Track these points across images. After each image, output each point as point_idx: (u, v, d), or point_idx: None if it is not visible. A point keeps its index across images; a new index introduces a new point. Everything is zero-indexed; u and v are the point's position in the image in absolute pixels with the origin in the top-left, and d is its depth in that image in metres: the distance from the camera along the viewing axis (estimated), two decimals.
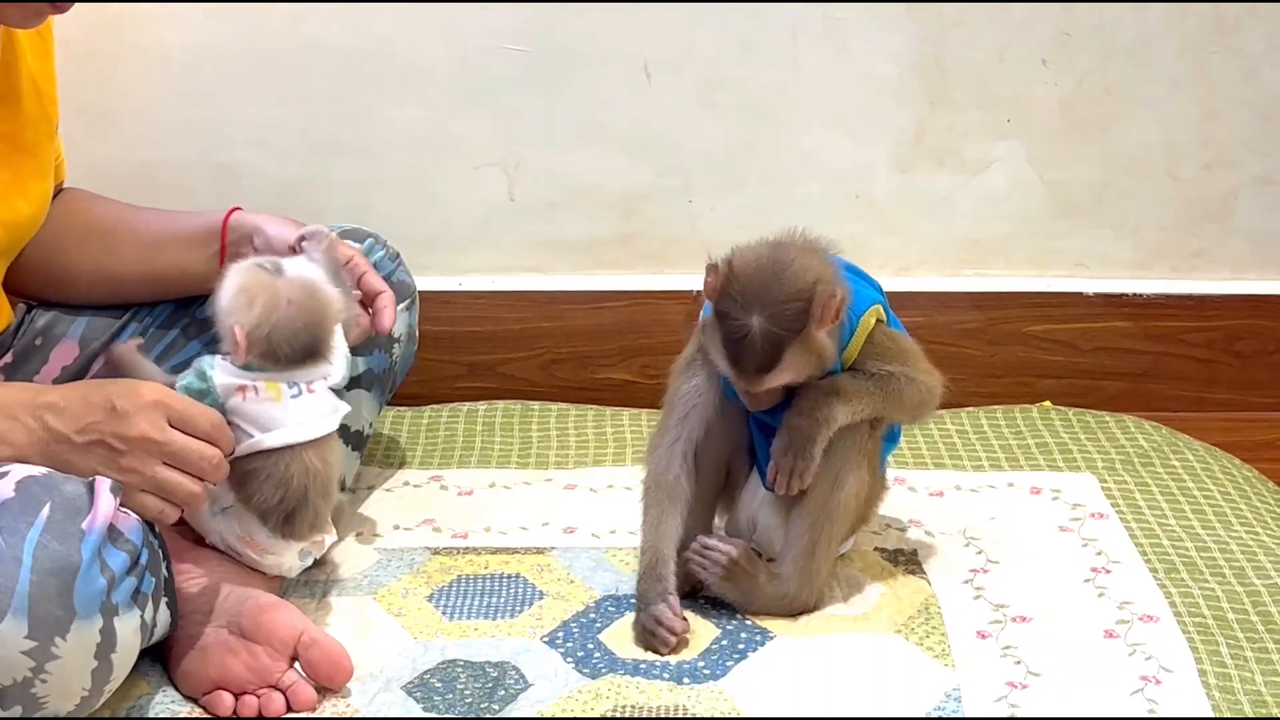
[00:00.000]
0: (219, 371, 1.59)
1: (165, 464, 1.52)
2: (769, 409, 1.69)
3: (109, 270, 1.85)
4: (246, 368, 1.59)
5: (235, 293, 1.59)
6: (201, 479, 1.54)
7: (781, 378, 1.63)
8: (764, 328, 1.59)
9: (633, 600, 1.73)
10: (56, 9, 1.59)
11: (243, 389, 1.58)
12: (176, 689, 1.58)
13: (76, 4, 1.60)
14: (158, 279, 1.85)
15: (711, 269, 1.63)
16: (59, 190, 1.87)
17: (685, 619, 1.67)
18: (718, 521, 1.81)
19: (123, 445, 1.51)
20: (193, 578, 1.63)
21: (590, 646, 1.66)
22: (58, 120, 1.83)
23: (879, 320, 1.69)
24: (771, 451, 1.67)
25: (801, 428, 1.65)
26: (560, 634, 1.69)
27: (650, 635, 1.66)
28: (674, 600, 1.67)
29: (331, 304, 1.62)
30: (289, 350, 1.59)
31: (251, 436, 1.59)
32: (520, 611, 1.73)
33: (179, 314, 1.87)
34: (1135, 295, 2.35)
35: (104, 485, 1.45)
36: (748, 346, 1.60)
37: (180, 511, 1.54)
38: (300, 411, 1.60)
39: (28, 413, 1.52)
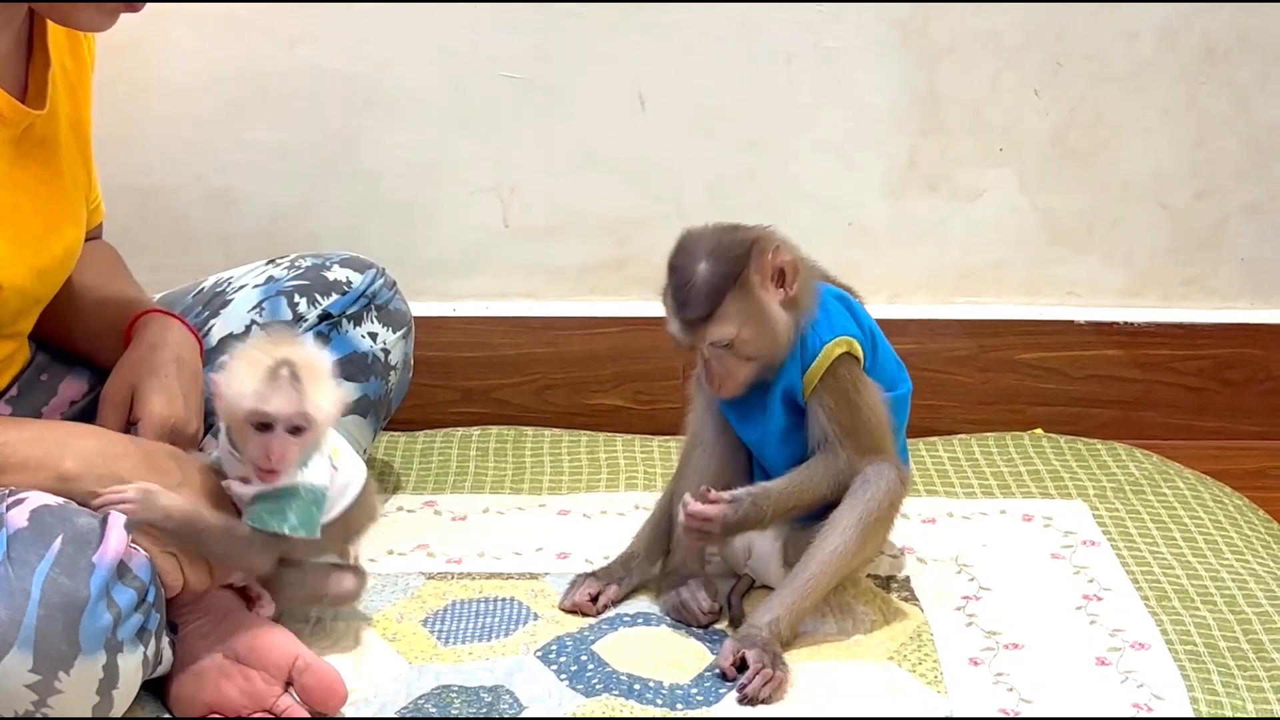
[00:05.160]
0: (317, 474, 1.60)
1: None
2: (742, 415, 1.72)
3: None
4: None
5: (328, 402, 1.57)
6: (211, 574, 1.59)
7: (724, 330, 1.66)
8: (706, 271, 1.65)
9: (625, 616, 1.75)
10: (131, 8, 1.55)
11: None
12: (170, 713, 1.58)
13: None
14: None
15: None
16: (95, 235, 1.88)
17: (594, 604, 1.76)
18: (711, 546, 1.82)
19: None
20: (187, 604, 1.63)
21: (584, 659, 1.67)
22: (93, 167, 1.83)
23: (849, 355, 1.69)
24: (747, 655, 1.64)
25: (757, 634, 1.65)
26: (554, 648, 1.70)
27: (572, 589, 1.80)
28: (613, 591, 1.77)
29: None
30: None
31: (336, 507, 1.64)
32: (514, 632, 1.74)
33: None
34: (1126, 324, 2.36)
35: (117, 520, 1.46)
36: (691, 293, 1.65)
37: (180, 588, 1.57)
38: (349, 457, 1.67)
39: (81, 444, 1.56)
